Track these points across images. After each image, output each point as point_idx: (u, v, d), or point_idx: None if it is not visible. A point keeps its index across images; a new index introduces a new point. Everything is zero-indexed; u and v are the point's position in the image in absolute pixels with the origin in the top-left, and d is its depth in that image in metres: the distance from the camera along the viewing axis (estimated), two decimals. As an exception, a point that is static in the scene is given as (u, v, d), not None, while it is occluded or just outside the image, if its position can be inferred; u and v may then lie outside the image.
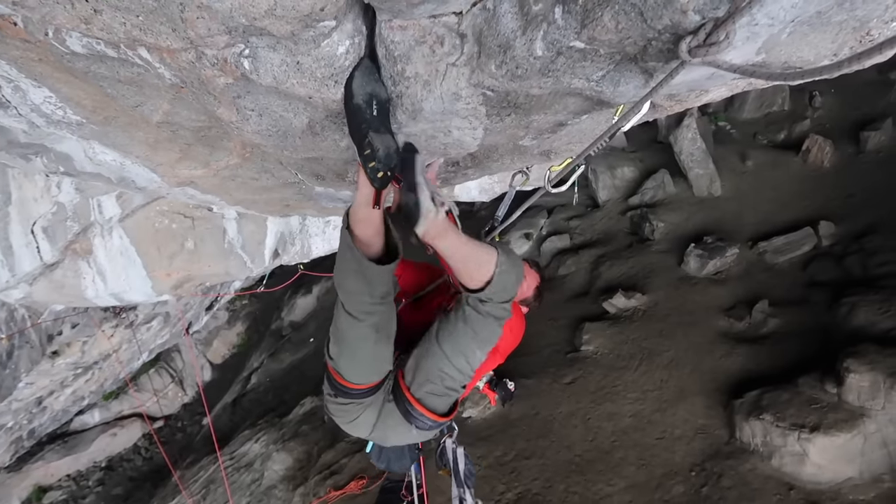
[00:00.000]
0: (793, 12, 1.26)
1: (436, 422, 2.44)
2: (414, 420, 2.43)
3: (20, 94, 2.46)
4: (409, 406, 2.40)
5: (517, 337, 2.99)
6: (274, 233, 5.87)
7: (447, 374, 2.33)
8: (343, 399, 2.47)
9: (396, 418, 2.46)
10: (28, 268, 5.06)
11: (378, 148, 1.82)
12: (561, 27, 1.47)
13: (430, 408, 2.39)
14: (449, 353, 2.30)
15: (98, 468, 14.40)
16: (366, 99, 1.85)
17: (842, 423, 5.69)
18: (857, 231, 8.67)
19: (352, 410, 2.50)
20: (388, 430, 2.54)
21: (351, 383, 2.41)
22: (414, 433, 2.52)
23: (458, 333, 2.25)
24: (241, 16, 1.52)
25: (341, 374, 2.41)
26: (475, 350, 2.29)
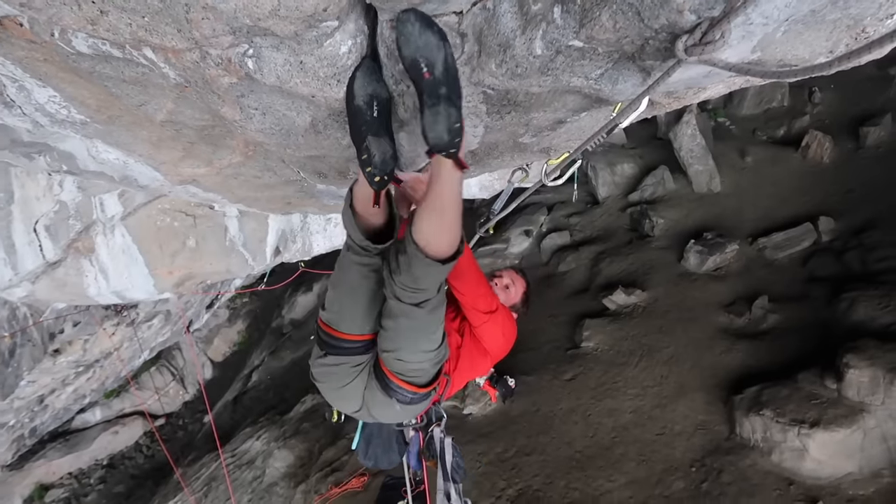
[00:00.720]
0: (787, 11, 1.28)
1: (416, 393, 2.40)
2: (393, 393, 2.39)
3: (25, 93, 2.48)
4: (386, 378, 2.37)
5: (509, 340, 2.99)
6: (275, 230, 5.89)
7: (405, 360, 2.31)
8: (333, 358, 2.44)
9: (378, 393, 2.43)
10: (31, 266, 5.09)
11: (374, 154, 1.84)
12: (560, 26, 1.50)
13: (406, 380, 2.36)
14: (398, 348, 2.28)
15: (100, 466, 14.45)
16: (366, 100, 1.87)
17: (841, 418, 5.71)
18: (857, 226, 8.70)
19: (341, 373, 2.46)
20: (374, 405, 2.50)
21: (342, 332, 2.38)
22: (398, 408, 2.48)
23: (399, 330, 2.22)
24: (246, 16, 1.55)
25: (333, 324, 2.40)
26: (419, 340, 2.25)
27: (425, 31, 1.62)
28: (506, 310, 2.96)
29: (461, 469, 3.53)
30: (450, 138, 1.72)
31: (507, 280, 3.20)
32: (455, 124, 1.70)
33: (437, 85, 1.68)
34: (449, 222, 1.93)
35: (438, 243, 1.93)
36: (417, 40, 1.63)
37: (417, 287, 2.03)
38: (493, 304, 2.77)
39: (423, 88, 1.70)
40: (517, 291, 3.20)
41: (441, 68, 1.67)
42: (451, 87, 1.70)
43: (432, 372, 2.39)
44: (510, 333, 2.96)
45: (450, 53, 1.68)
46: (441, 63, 1.66)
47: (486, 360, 2.97)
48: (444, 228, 1.94)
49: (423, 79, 1.68)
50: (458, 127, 1.72)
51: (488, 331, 2.82)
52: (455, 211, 1.92)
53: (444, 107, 1.69)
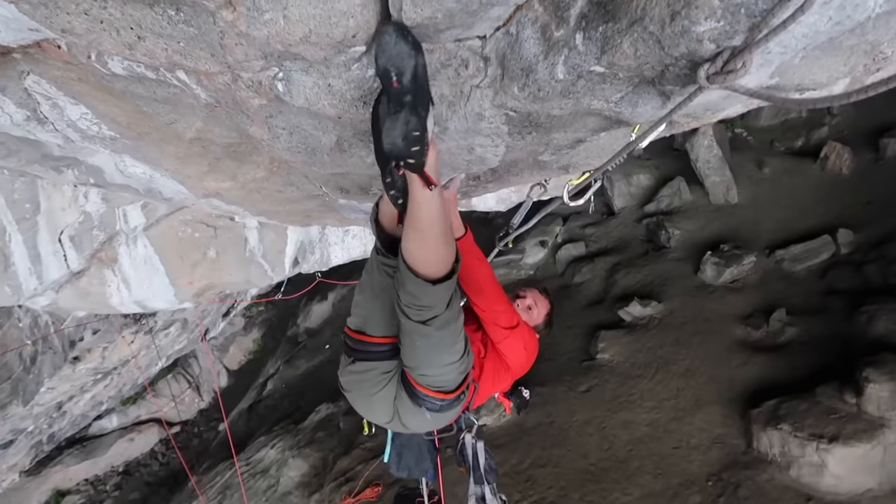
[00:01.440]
0: (804, 41, 1.31)
1: (444, 400, 2.39)
2: (422, 402, 2.39)
3: (58, 110, 2.56)
4: (413, 388, 2.36)
5: (531, 355, 2.98)
6: (294, 242, 5.95)
7: (428, 375, 2.30)
8: (361, 364, 2.44)
9: (408, 402, 2.42)
10: (55, 276, 5.19)
11: (397, 179, 1.86)
12: (582, 52, 1.54)
13: (433, 388, 2.35)
14: (418, 365, 2.27)
15: (116, 473, 14.57)
16: None
17: (861, 433, 5.66)
18: (877, 239, 8.61)
19: (370, 381, 2.46)
20: (405, 414, 2.50)
21: (369, 336, 2.39)
22: (428, 417, 2.48)
23: (415, 348, 2.21)
24: (278, 42, 1.60)
25: (360, 327, 2.41)
26: (438, 355, 2.23)
27: (399, 41, 1.62)
28: (527, 325, 2.96)
29: (493, 471, 3.55)
30: (405, 145, 1.65)
31: (531, 301, 3.18)
32: (413, 132, 1.65)
33: (404, 93, 1.66)
34: (433, 244, 1.91)
35: (426, 265, 1.92)
36: (391, 50, 1.63)
37: (421, 304, 2.01)
38: (513, 320, 2.78)
39: (391, 97, 1.68)
40: (540, 313, 3.19)
41: (409, 76, 1.65)
42: (417, 97, 1.67)
43: (458, 379, 2.38)
44: (532, 349, 2.96)
45: (421, 63, 1.67)
46: (410, 71, 1.65)
47: (508, 376, 2.98)
48: (429, 251, 1.92)
49: (392, 87, 1.67)
50: (416, 135, 1.65)
51: (510, 346, 2.82)
52: (437, 232, 1.89)
53: (404, 114, 1.66)
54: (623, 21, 1.39)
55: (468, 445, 3.40)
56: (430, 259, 1.93)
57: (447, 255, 1.95)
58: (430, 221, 1.86)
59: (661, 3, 1.28)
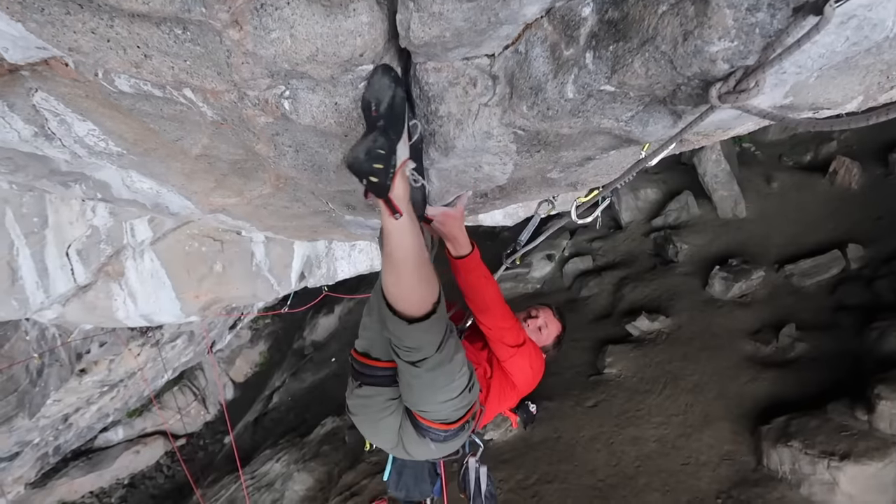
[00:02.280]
0: (820, 61, 1.29)
1: (447, 430, 2.38)
2: (425, 433, 2.38)
3: (65, 126, 2.56)
4: (416, 420, 2.36)
5: (537, 374, 2.96)
6: (300, 256, 5.95)
7: (427, 411, 2.29)
8: (368, 389, 2.43)
9: (412, 432, 2.41)
10: (62, 289, 5.19)
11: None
12: (592, 72, 1.52)
13: (435, 420, 2.33)
14: (415, 402, 2.26)
15: (121, 485, 14.56)
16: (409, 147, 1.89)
17: (873, 451, 5.58)
18: (887, 254, 8.53)
19: (375, 406, 2.44)
20: (409, 443, 2.49)
21: (375, 360, 2.38)
22: (433, 448, 2.47)
23: (410, 387, 2.20)
24: (285, 62, 1.60)
25: (366, 350, 2.40)
26: (436, 394, 2.21)
27: (382, 77, 1.68)
28: (533, 343, 2.93)
29: (493, 498, 3.51)
30: (366, 159, 1.65)
31: (542, 321, 3.13)
32: (377, 149, 1.65)
33: (378, 119, 1.70)
34: (407, 281, 1.86)
35: (403, 303, 1.88)
36: (375, 85, 1.69)
37: (406, 346, 1.98)
38: (519, 338, 2.75)
39: (367, 123, 1.73)
40: (550, 334, 3.14)
41: (385, 105, 1.69)
42: (390, 122, 1.70)
43: (460, 413, 2.35)
44: (538, 367, 2.93)
45: (399, 95, 1.71)
46: (387, 101, 1.69)
47: (514, 394, 2.95)
48: (404, 287, 1.87)
49: (371, 116, 1.71)
50: (380, 153, 1.65)
51: (516, 364, 2.79)
52: (410, 268, 1.84)
53: (374, 134, 1.68)
54: (634, 40, 1.37)
55: (471, 470, 3.36)
56: (406, 296, 1.88)
57: (424, 293, 1.89)
58: (403, 255, 1.82)
59: (673, 22, 1.27)
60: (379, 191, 1.72)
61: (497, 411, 3.05)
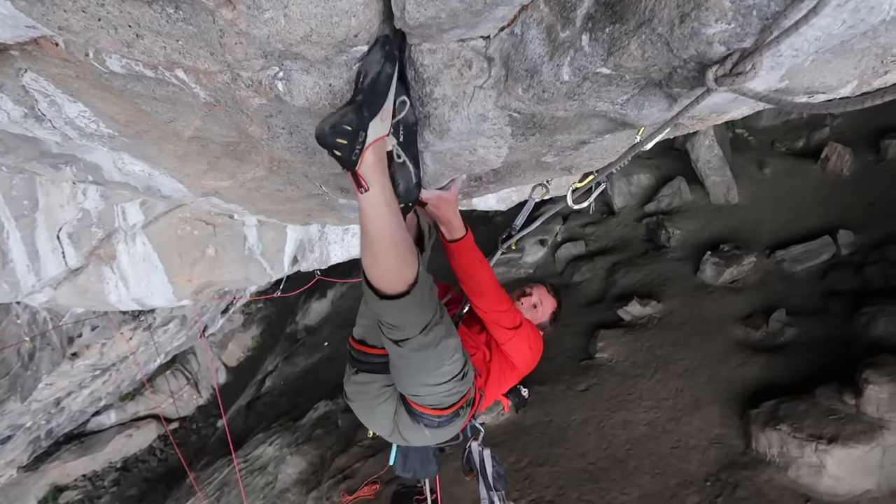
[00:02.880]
0: (817, 44, 1.29)
1: (441, 416, 2.38)
2: (419, 419, 2.39)
3: (55, 108, 2.53)
4: (409, 405, 2.37)
5: (536, 354, 2.97)
6: (293, 240, 5.92)
7: (418, 395, 2.29)
8: (364, 376, 2.44)
9: (407, 418, 2.43)
10: (53, 273, 5.16)
11: (399, 182, 1.85)
12: (588, 54, 1.51)
13: (428, 405, 2.34)
14: (404, 385, 2.26)
15: (113, 469, 14.58)
16: (393, 125, 1.88)
17: (860, 434, 5.66)
18: (877, 240, 8.62)
19: (371, 392, 2.45)
20: (405, 430, 2.51)
21: (371, 347, 2.39)
22: (427, 434, 2.48)
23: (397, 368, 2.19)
24: (278, 42, 1.58)
25: (363, 337, 2.41)
26: (425, 376, 2.20)
27: (377, 51, 1.66)
28: (530, 323, 2.94)
29: (502, 478, 3.53)
30: (331, 132, 1.64)
31: (536, 298, 3.16)
32: (345, 125, 1.63)
33: (357, 93, 1.69)
34: (382, 257, 1.83)
35: (380, 280, 1.86)
36: (368, 56, 1.68)
37: (388, 323, 1.97)
38: (516, 320, 2.76)
39: (352, 93, 1.73)
40: (545, 311, 3.16)
41: (369, 80, 1.67)
42: (367, 97, 1.68)
43: (452, 399, 2.35)
44: (537, 347, 2.94)
45: (385, 72, 1.67)
46: (371, 76, 1.67)
47: (514, 375, 2.97)
48: (379, 263, 1.85)
49: (355, 88, 1.71)
50: (346, 129, 1.63)
51: (515, 346, 2.81)
52: (384, 243, 1.81)
53: (345, 108, 1.67)
54: (631, 22, 1.36)
55: (475, 453, 3.38)
56: (382, 273, 1.86)
57: (401, 270, 1.87)
58: (376, 231, 1.80)
59: (670, 4, 1.26)
60: (345, 164, 1.72)
61: (499, 394, 3.06)
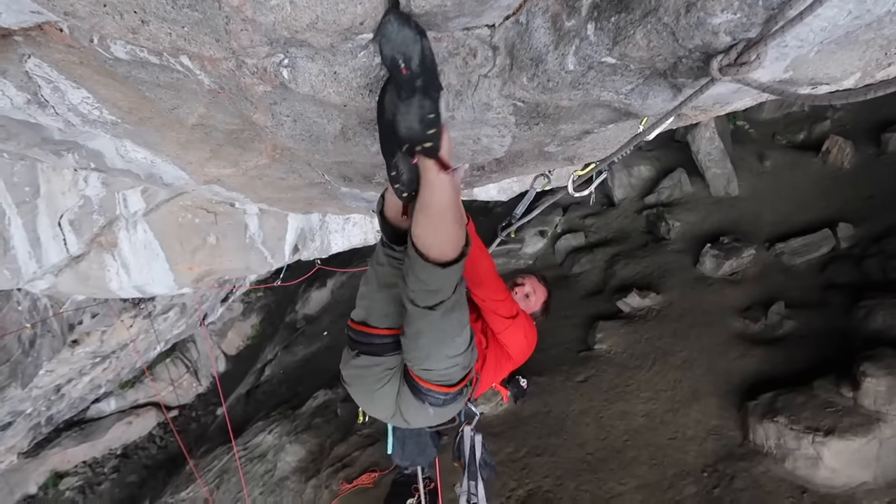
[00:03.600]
0: (822, 35, 1.29)
1: (447, 394, 2.38)
2: (425, 397, 2.39)
3: (59, 94, 2.53)
4: (416, 383, 2.35)
5: (531, 344, 3.00)
6: (294, 228, 5.93)
7: (431, 369, 2.29)
8: (365, 358, 2.43)
9: (410, 397, 2.42)
10: (55, 259, 5.17)
11: (403, 172, 1.84)
12: (593, 43, 1.51)
13: (436, 382, 2.34)
14: (422, 357, 2.25)
15: (113, 455, 14.63)
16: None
17: (857, 427, 5.67)
18: (877, 233, 8.60)
19: (373, 376, 2.45)
20: (407, 410, 2.50)
21: (373, 328, 2.38)
22: (431, 412, 2.48)
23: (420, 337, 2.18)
24: (284, 29, 1.58)
25: (364, 318, 2.40)
26: (441, 345, 2.21)
27: (402, 27, 1.61)
28: (526, 315, 2.97)
29: (489, 466, 3.55)
30: (422, 128, 1.67)
31: (529, 288, 3.21)
32: (429, 114, 1.66)
33: (414, 78, 1.66)
34: (445, 229, 1.89)
35: (438, 249, 1.90)
36: (395, 37, 1.62)
37: (428, 289, 2.00)
38: (513, 310, 2.79)
39: (402, 84, 1.68)
40: (538, 300, 3.22)
41: (417, 61, 1.64)
42: (428, 80, 1.67)
43: (461, 374, 2.37)
44: (532, 337, 2.97)
45: (427, 47, 1.65)
46: (417, 56, 1.64)
47: (510, 364, 3.00)
48: (441, 235, 1.90)
49: (402, 75, 1.66)
50: (432, 118, 1.67)
51: (511, 336, 2.83)
52: (449, 217, 1.87)
53: (418, 98, 1.66)
54: (637, 11, 1.37)
55: (466, 438, 3.40)
56: (443, 242, 1.91)
57: (460, 237, 1.94)
58: (446, 205, 1.84)
59: (676, -7, 1.26)
60: (432, 153, 1.73)
61: (492, 381, 3.08)
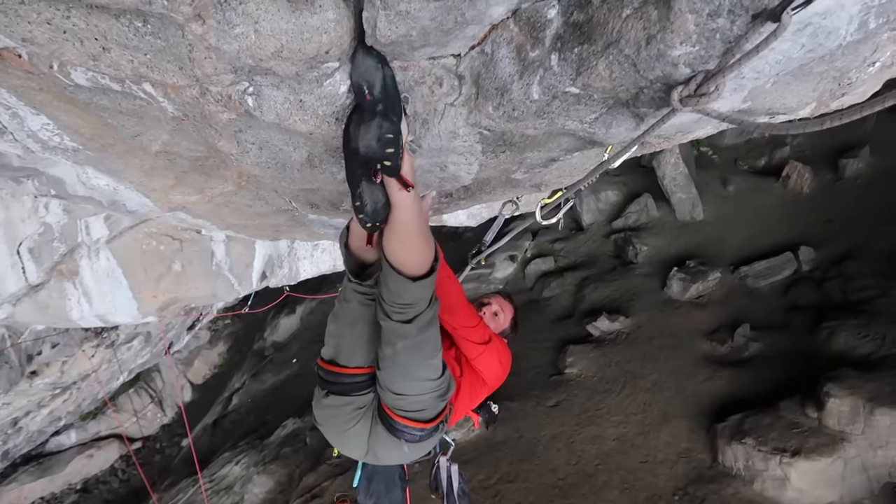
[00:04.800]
0: (777, 67, 1.33)
1: (423, 430, 2.36)
2: (400, 434, 2.35)
3: (17, 120, 2.48)
4: (391, 420, 2.32)
5: (506, 368, 2.96)
6: (262, 255, 5.86)
7: (406, 395, 2.25)
8: (335, 398, 2.39)
9: (385, 436, 2.38)
10: (13, 289, 5.02)
11: (367, 203, 1.87)
12: (557, 73, 1.54)
13: (412, 418, 2.31)
14: (397, 379, 2.23)
15: (73, 490, 14.12)
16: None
17: (822, 447, 5.76)
18: (837, 256, 8.83)
19: (343, 416, 2.40)
20: (381, 449, 2.46)
21: (342, 367, 2.35)
22: (406, 450, 2.45)
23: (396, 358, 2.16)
24: (249, 57, 1.57)
25: (333, 357, 2.37)
26: (417, 366, 2.20)
27: (366, 57, 1.71)
28: (499, 338, 2.95)
29: (466, 496, 3.50)
30: (379, 146, 1.75)
31: (496, 307, 3.22)
32: (386, 134, 1.74)
33: (375, 103, 1.76)
34: (414, 245, 1.96)
35: (409, 264, 1.97)
36: (360, 65, 1.72)
37: (403, 303, 2.03)
38: (485, 335, 2.76)
39: (364, 109, 1.78)
40: (506, 318, 3.23)
41: (379, 88, 1.74)
42: (388, 105, 1.76)
43: (438, 406, 2.35)
44: (506, 361, 2.95)
45: (388, 75, 1.75)
46: (379, 83, 1.74)
47: (485, 390, 2.96)
48: (411, 251, 1.97)
49: (365, 100, 1.76)
50: (389, 137, 1.74)
51: (485, 361, 2.80)
52: (417, 233, 1.95)
53: (377, 120, 1.75)
54: (599, 43, 1.39)
55: (443, 469, 3.35)
56: (412, 258, 1.97)
57: (427, 253, 2.00)
58: (410, 222, 1.92)
59: (636, 26, 1.29)
60: (391, 171, 1.81)
61: (468, 409, 3.04)
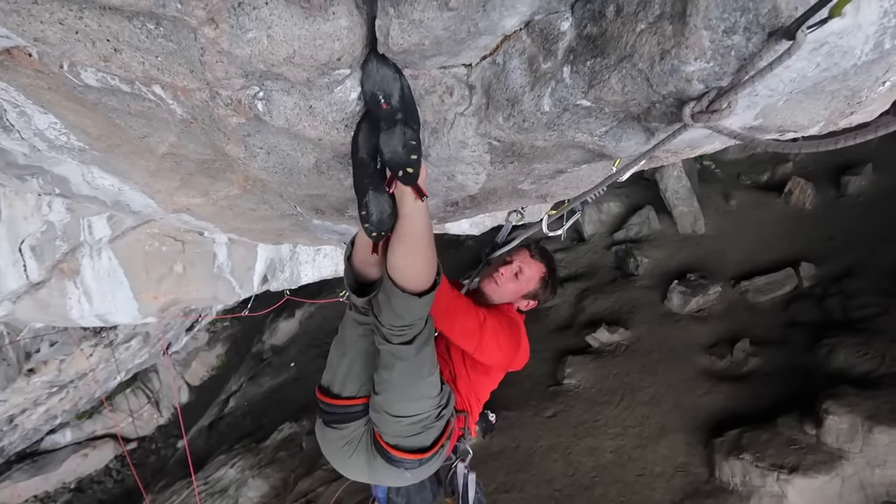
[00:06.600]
0: (791, 85, 1.33)
1: (421, 459, 2.30)
2: (399, 464, 2.31)
3: (25, 118, 2.48)
4: (388, 453, 2.28)
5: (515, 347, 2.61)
6: (264, 259, 5.85)
7: (401, 417, 2.20)
8: (335, 427, 2.38)
9: (384, 466, 2.34)
10: (13, 286, 5.01)
11: (373, 212, 1.87)
12: (569, 86, 1.54)
13: (408, 449, 2.26)
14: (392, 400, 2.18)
15: (67, 489, 14.06)
16: (370, 153, 1.89)
17: (820, 464, 5.74)
18: (838, 273, 8.82)
19: (343, 440, 2.39)
20: (383, 477, 2.44)
21: (338, 399, 2.34)
22: (408, 476, 2.41)
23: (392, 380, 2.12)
24: (260, 62, 1.57)
25: (330, 385, 2.37)
26: (419, 386, 2.15)
27: (381, 66, 1.70)
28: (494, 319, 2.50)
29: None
30: (405, 152, 1.76)
31: (517, 266, 2.66)
32: (411, 141, 1.76)
33: (394, 112, 1.76)
34: (421, 257, 1.94)
35: (413, 278, 1.94)
36: (375, 75, 1.71)
37: (403, 324, 2.00)
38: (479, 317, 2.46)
39: (381, 117, 1.77)
40: (530, 278, 2.67)
41: (397, 97, 1.74)
42: (408, 114, 1.77)
43: (433, 433, 2.29)
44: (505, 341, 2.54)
45: (405, 85, 1.76)
46: (397, 93, 1.74)
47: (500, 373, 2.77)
48: (417, 263, 1.94)
49: (381, 109, 1.76)
50: (413, 144, 1.76)
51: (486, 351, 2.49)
52: (425, 245, 1.93)
53: (399, 127, 1.76)
54: (612, 57, 1.39)
55: (460, 476, 3.28)
56: (418, 271, 1.95)
57: (433, 265, 1.98)
58: (420, 232, 1.92)
59: (651, 41, 1.29)
60: (411, 179, 1.83)
61: (485, 399, 2.85)
